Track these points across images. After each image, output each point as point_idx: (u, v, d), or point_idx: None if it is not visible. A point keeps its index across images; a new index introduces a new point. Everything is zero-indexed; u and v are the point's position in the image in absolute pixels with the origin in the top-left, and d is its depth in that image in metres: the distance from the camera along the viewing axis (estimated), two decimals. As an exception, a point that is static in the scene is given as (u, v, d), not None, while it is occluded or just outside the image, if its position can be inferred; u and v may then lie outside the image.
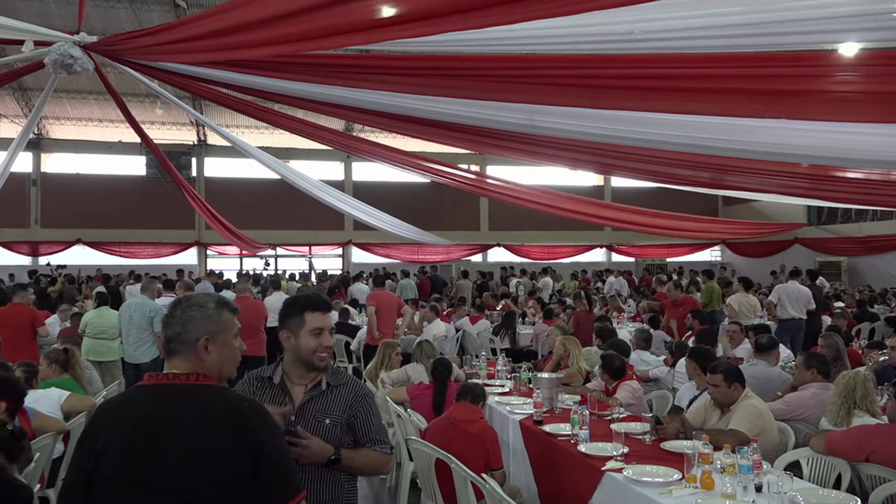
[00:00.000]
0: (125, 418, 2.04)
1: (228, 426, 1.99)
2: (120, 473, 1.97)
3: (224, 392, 2.12)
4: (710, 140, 4.62)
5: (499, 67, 4.07)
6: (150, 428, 1.98)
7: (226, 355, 2.18)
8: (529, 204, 10.38)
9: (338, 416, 2.71)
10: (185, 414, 2.01)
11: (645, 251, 24.95)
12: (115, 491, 1.97)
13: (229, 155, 20.85)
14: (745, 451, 3.60)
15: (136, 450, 1.97)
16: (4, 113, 18.76)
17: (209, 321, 2.15)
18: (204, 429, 1.98)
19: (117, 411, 2.12)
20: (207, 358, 2.13)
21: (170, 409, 2.01)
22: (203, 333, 2.12)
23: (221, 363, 2.17)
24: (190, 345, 2.11)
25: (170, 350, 2.14)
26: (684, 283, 13.73)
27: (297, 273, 20.19)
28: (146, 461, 1.95)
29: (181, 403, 2.03)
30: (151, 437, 1.97)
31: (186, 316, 2.14)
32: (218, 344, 2.15)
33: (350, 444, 2.74)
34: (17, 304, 8.28)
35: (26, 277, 16.89)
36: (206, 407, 2.03)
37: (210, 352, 2.13)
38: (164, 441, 1.96)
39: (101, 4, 15.41)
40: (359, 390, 2.80)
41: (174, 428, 1.98)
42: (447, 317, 11.85)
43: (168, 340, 2.15)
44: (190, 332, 2.12)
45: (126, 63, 5.19)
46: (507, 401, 5.88)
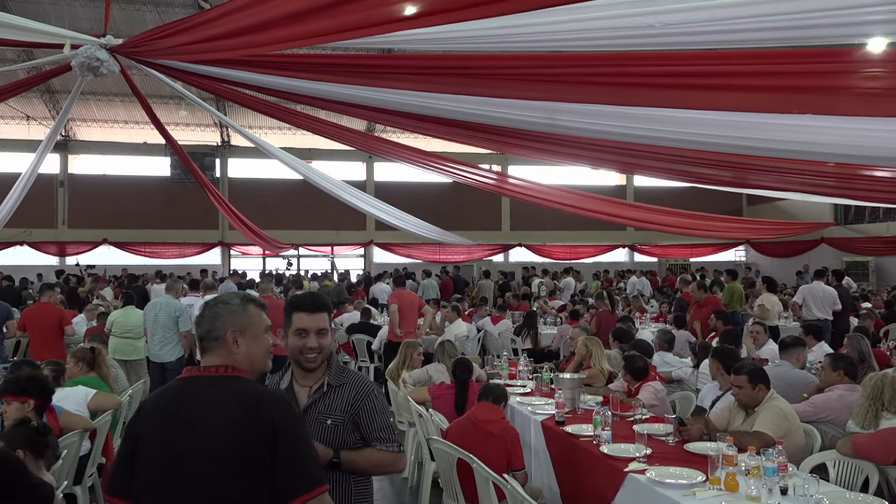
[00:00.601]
0: (158, 408, 2.21)
1: (245, 413, 2.08)
2: (150, 458, 2.12)
3: (245, 382, 2.19)
4: (733, 138, 4.57)
5: (520, 66, 4.06)
6: (175, 416, 2.12)
7: (256, 348, 2.27)
8: (551, 204, 10.35)
9: (340, 416, 2.70)
10: (206, 403, 2.12)
11: (668, 251, 24.74)
12: (147, 474, 2.12)
13: (252, 156, 21.00)
14: (771, 453, 3.55)
15: (163, 436, 2.11)
16: (33, 115, 19.05)
17: (235, 316, 2.25)
18: (222, 416, 2.08)
19: (154, 402, 2.28)
20: (237, 351, 2.23)
21: (194, 399, 2.14)
22: (230, 327, 2.22)
23: (252, 356, 2.26)
24: (220, 340, 2.22)
25: (203, 348, 2.27)
26: (707, 283, 13.60)
27: (318, 272, 20.29)
28: (170, 447, 2.09)
29: (204, 393, 2.14)
30: (176, 424, 2.11)
31: (213, 313, 2.26)
32: (246, 337, 2.25)
33: (358, 442, 2.72)
34: (44, 303, 8.43)
35: (54, 277, 17.16)
36: (225, 396, 2.13)
37: (239, 345, 2.23)
38: (187, 428, 2.09)
39: (126, 7, 15.61)
40: (361, 388, 2.76)
41: (196, 416, 2.10)
42: (469, 317, 11.84)
43: (200, 339, 2.27)
44: (217, 328, 2.23)
45: (151, 65, 5.25)
46: (529, 401, 5.87)
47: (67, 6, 15.33)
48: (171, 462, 2.07)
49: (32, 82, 7.82)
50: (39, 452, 3.34)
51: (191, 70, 5.19)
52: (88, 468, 4.87)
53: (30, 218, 17.31)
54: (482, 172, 9.50)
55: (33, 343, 8.20)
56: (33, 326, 8.17)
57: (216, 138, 22.37)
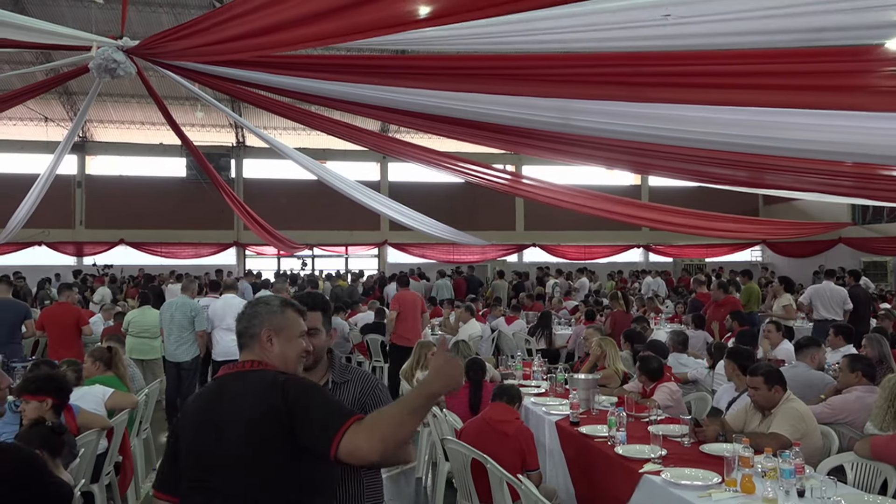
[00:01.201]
0: (196, 404, 2.35)
1: (263, 401, 2.14)
2: (188, 455, 2.24)
3: (266, 372, 2.25)
4: (749, 138, 4.54)
5: (534, 66, 4.05)
6: (208, 414, 2.23)
7: (289, 350, 2.34)
8: (565, 204, 10.32)
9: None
10: (233, 397, 2.20)
11: (683, 251, 24.60)
12: (187, 471, 2.23)
13: (267, 156, 21.11)
14: (787, 454, 3.53)
15: (196, 431, 2.23)
16: (51, 117, 19.26)
17: (272, 316, 2.33)
18: (245, 409, 2.15)
19: (193, 400, 2.41)
20: (271, 350, 2.31)
21: (223, 395, 2.24)
22: (266, 326, 2.31)
23: (285, 357, 2.33)
24: (255, 338, 2.32)
25: (240, 344, 2.35)
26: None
27: (332, 272, 20.36)
28: (202, 439, 2.20)
29: (232, 389, 2.24)
30: (207, 419, 2.22)
31: (253, 312, 2.36)
32: (281, 338, 2.32)
33: None
34: (62, 303, 8.51)
35: (71, 277, 17.32)
36: (248, 388, 2.20)
37: (274, 345, 2.31)
38: (218, 424, 2.18)
39: (142, 9, 15.75)
40: (366, 384, 2.80)
41: (224, 411, 2.19)
42: (483, 317, 11.83)
43: (238, 335, 2.36)
44: (255, 325, 2.33)
45: (167, 66, 5.29)
46: (543, 402, 5.86)
47: (84, 9, 15.48)
48: (204, 454, 2.18)
49: (50, 84, 7.92)
50: (55, 452, 3.38)
51: (206, 71, 5.22)
52: (105, 466, 4.91)
53: (48, 218, 17.49)
54: (496, 173, 9.49)
55: (51, 342, 8.28)
56: (51, 326, 8.25)
57: (231, 139, 22.50)
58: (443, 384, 2.11)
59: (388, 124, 17.71)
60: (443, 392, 2.15)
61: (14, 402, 4.56)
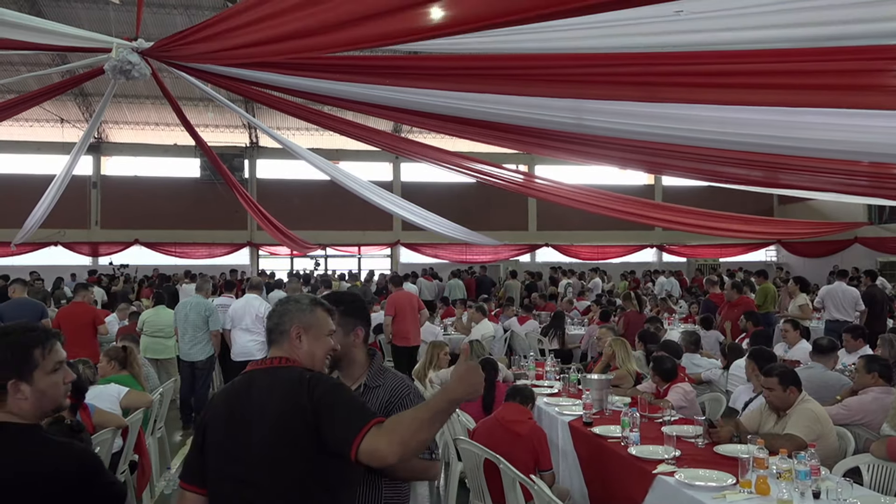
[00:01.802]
0: (222, 399, 2.40)
1: (289, 397, 2.19)
2: (216, 449, 2.29)
3: (293, 369, 2.30)
4: (764, 137, 4.50)
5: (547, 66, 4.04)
6: (236, 408, 2.29)
7: (317, 348, 2.40)
8: (578, 204, 10.28)
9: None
10: (261, 393, 2.25)
11: (697, 251, 24.48)
12: (215, 463, 2.28)
13: (280, 157, 21.20)
14: (803, 456, 3.51)
15: (226, 428, 2.28)
16: (67, 118, 19.42)
17: (302, 314, 2.40)
18: (272, 405, 2.21)
19: (221, 395, 2.44)
20: (300, 347, 2.37)
21: (251, 391, 2.29)
22: (296, 323, 2.37)
23: (312, 355, 2.39)
24: (285, 335, 2.38)
25: (270, 340, 2.42)
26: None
27: (346, 273, 20.41)
28: (233, 438, 2.25)
29: (260, 384, 2.29)
30: (237, 416, 2.27)
31: (283, 309, 2.43)
32: (310, 336, 2.39)
33: None
34: (78, 302, 8.59)
35: (87, 277, 17.45)
36: (276, 385, 2.25)
37: (303, 342, 2.37)
38: (246, 419, 2.24)
39: (157, 11, 15.85)
40: (396, 391, 2.70)
41: (252, 406, 2.24)
42: (495, 317, 11.82)
43: (269, 331, 2.44)
44: (285, 322, 2.39)
45: (181, 68, 5.32)
46: (556, 402, 5.84)
47: (99, 10, 15.60)
48: (234, 450, 2.22)
49: (67, 86, 7.97)
50: None
51: (220, 72, 5.25)
52: (120, 465, 4.95)
53: (64, 219, 17.63)
54: (508, 173, 9.47)
55: (67, 341, 8.28)
56: (67, 325, 8.32)
57: (245, 140, 22.61)
58: (464, 391, 2.14)
59: (401, 125, 17.74)
60: (464, 399, 2.17)
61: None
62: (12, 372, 2.09)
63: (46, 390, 2.13)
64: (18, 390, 2.09)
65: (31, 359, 2.11)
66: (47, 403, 2.15)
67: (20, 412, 2.10)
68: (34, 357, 2.12)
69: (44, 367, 2.13)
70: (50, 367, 2.15)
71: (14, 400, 2.09)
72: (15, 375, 2.09)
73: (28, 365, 2.10)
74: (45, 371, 2.13)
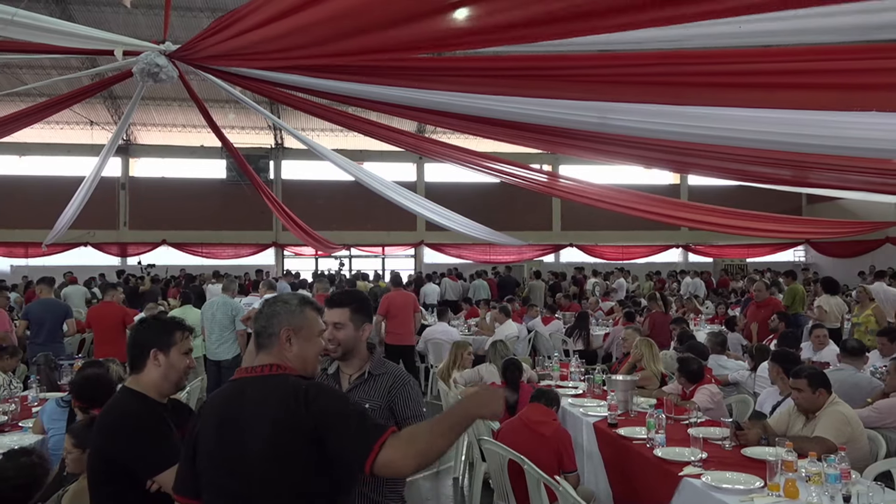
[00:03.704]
0: (212, 409, 2.28)
1: (285, 412, 2.11)
2: (208, 459, 2.19)
3: (287, 380, 2.22)
4: (792, 136, 4.44)
5: (572, 67, 4.02)
6: (227, 417, 2.19)
7: (308, 350, 2.33)
8: (602, 204, 10.21)
9: (377, 401, 2.88)
10: (254, 403, 2.16)
11: (724, 251, 24.20)
12: (208, 475, 2.19)
13: (305, 158, 21.34)
14: (833, 459, 3.45)
15: (217, 437, 2.19)
16: (96, 120, 19.72)
17: (291, 316, 2.31)
18: (267, 415, 2.12)
19: (209, 405, 2.34)
20: (290, 350, 2.28)
21: (243, 401, 2.19)
22: (285, 326, 2.28)
23: (304, 357, 2.31)
24: (274, 338, 2.28)
25: (258, 344, 2.32)
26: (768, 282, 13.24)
27: (369, 273, 20.50)
28: (225, 449, 2.16)
29: (252, 394, 2.19)
30: (228, 426, 2.18)
31: (271, 311, 2.33)
32: (300, 338, 2.30)
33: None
34: (108, 302, 8.73)
35: (115, 277, 17.71)
36: (270, 395, 2.17)
37: (293, 345, 2.29)
38: (238, 430, 2.15)
39: (184, 14, 16.03)
40: (397, 378, 2.95)
41: (245, 417, 2.15)
42: (519, 317, 11.79)
43: (256, 335, 2.33)
44: (273, 325, 2.29)
45: (208, 70, 5.38)
46: (581, 403, 5.82)
47: (127, 14, 15.81)
48: (228, 463, 2.14)
49: (96, 89, 8.09)
50: None
51: (245, 74, 5.29)
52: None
53: (93, 220, 17.90)
54: (532, 173, 9.43)
55: (97, 340, 8.50)
56: (97, 324, 8.48)
57: (270, 141, 22.79)
58: (484, 410, 2.16)
59: (425, 125, 17.76)
60: (482, 416, 2.19)
61: (62, 397, 4.69)
62: (157, 343, 2.69)
63: (175, 365, 2.69)
64: (156, 358, 2.67)
65: (172, 337, 2.71)
66: (174, 375, 2.70)
67: (149, 380, 2.67)
68: (175, 336, 2.72)
69: (179, 347, 2.72)
70: (184, 348, 2.73)
71: (151, 365, 2.68)
72: (157, 346, 2.68)
73: (169, 340, 2.70)
74: (179, 351, 2.71)
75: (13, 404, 5.47)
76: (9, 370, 6.47)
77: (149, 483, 2.44)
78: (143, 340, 2.73)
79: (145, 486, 2.45)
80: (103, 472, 2.54)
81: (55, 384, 6.34)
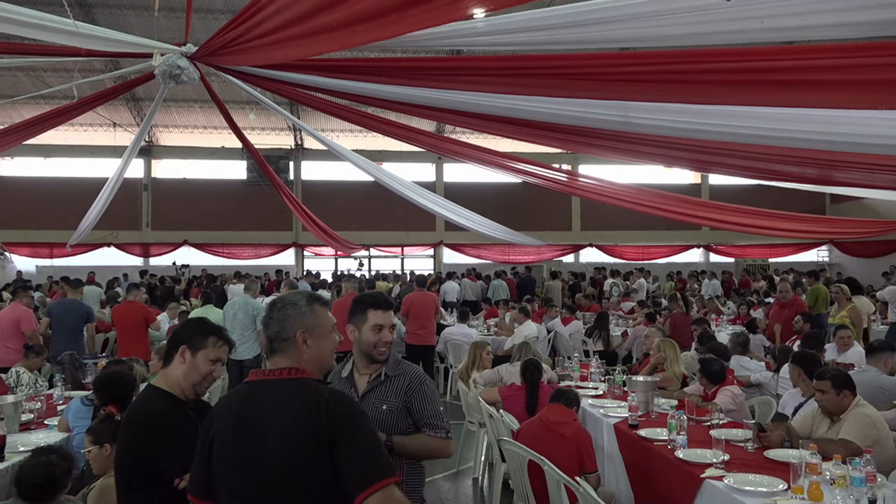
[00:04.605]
0: (228, 412, 2.25)
1: (305, 417, 2.10)
2: (224, 461, 2.17)
3: (307, 384, 2.21)
4: (817, 133, 4.38)
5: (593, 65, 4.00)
6: (244, 420, 2.17)
7: (323, 348, 2.33)
8: (623, 203, 10.14)
9: (394, 402, 2.92)
10: (272, 406, 2.15)
11: (745, 251, 23.97)
12: (222, 476, 2.18)
13: (325, 158, 21.42)
14: (858, 462, 3.40)
15: (234, 441, 2.16)
16: (119, 122, 19.94)
17: (304, 317, 2.30)
18: (286, 419, 2.11)
19: (224, 406, 2.31)
20: (307, 351, 2.27)
21: (261, 404, 2.17)
22: (299, 328, 2.27)
23: (319, 356, 2.32)
24: (290, 341, 2.27)
25: (272, 349, 2.30)
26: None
27: (389, 273, 20.57)
28: (242, 451, 2.13)
29: (270, 397, 2.17)
30: (245, 428, 2.15)
31: (282, 315, 2.30)
32: (315, 337, 2.30)
33: (410, 428, 2.93)
34: (131, 301, 8.83)
35: (138, 277, 17.92)
36: (288, 400, 2.16)
37: (309, 345, 2.28)
38: (255, 433, 2.12)
39: (205, 16, 16.16)
40: (414, 378, 3.00)
41: (262, 420, 2.13)
42: (538, 317, 11.75)
43: (270, 340, 2.30)
44: (287, 329, 2.27)
45: (228, 71, 5.42)
46: (601, 404, 5.79)
47: (149, 17, 15.97)
48: (242, 465, 2.12)
49: (119, 91, 8.18)
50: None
51: (265, 75, 5.32)
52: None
53: (116, 220, 18.11)
54: (552, 172, 9.40)
55: (120, 339, 8.60)
56: (121, 324, 8.57)
57: (290, 142, 22.92)
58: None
59: (444, 125, 17.76)
60: None
61: (87, 395, 4.75)
62: (189, 341, 2.72)
63: (198, 367, 2.70)
64: (183, 355, 2.70)
65: (205, 340, 2.72)
66: (194, 377, 2.70)
67: (173, 377, 2.70)
68: (208, 341, 2.73)
69: (208, 353, 2.72)
70: (212, 355, 2.73)
71: (177, 361, 2.71)
72: (187, 344, 2.72)
73: (202, 342, 2.72)
74: (206, 356, 2.72)
75: (39, 402, 5.55)
76: (35, 369, 6.57)
77: (176, 481, 2.46)
78: (179, 335, 2.79)
79: (173, 485, 2.46)
80: (130, 471, 2.56)
81: (80, 383, 6.43)
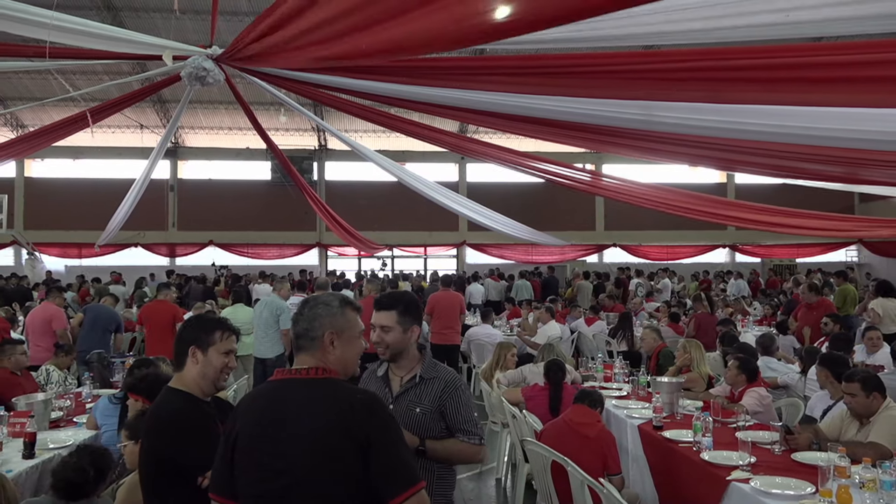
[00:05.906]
0: (253, 410, 2.23)
1: (337, 417, 2.09)
2: (248, 459, 2.15)
3: (338, 385, 2.20)
4: (844, 131, 4.31)
5: (616, 64, 3.97)
6: (271, 419, 2.14)
7: (349, 351, 2.31)
8: (648, 203, 10.06)
9: (428, 406, 2.89)
10: (301, 406, 2.13)
11: (772, 251, 23.66)
12: (245, 475, 2.16)
13: (348, 159, 21.52)
14: (888, 465, 3.35)
15: (259, 439, 2.14)
16: (146, 124, 20.19)
17: (334, 318, 2.29)
18: (316, 420, 2.09)
19: (248, 404, 2.30)
20: (332, 352, 2.26)
21: (288, 402, 2.15)
22: (328, 329, 2.26)
23: (345, 359, 2.30)
24: (317, 341, 2.26)
25: (298, 346, 2.29)
26: (818, 284, 12.88)
27: (412, 273, 20.61)
28: (267, 449, 2.11)
29: (299, 396, 2.16)
30: (272, 427, 2.12)
31: (313, 314, 2.29)
32: (343, 340, 2.28)
33: (443, 432, 2.89)
34: (161, 300, 8.96)
35: (164, 277, 18.13)
36: (319, 399, 2.14)
37: (336, 347, 2.27)
38: (283, 431, 2.10)
39: (230, 19, 16.31)
40: (449, 382, 2.95)
41: (289, 418, 2.12)
42: (562, 318, 11.71)
43: (297, 337, 2.30)
44: (316, 328, 2.26)
45: (253, 73, 5.47)
46: (625, 405, 5.75)
47: (176, 20, 16.16)
48: (267, 464, 2.10)
49: (145, 93, 8.29)
50: None
51: (289, 76, 5.36)
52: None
53: (143, 221, 18.33)
54: (576, 172, 9.35)
55: (149, 338, 8.73)
56: (150, 322, 8.70)
57: (314, 142, 23.05)
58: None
59: (467, 125, 17.75)
60: None
61: (114, 394, 4.82)
62: (196, 341, 2.74)
63: (213, 363, 2.73)
64: (195, 356, 2.72)
65: (212, 336, 2.75)
66: (211, 373, 2.73)
67: (190, 378, 2.72)
68: (215, 335, 2.76)
69: (218, 347, 2.75)
70: (223, 348, 2.76)
71: (190, 363, 2.73)
72: (196, 343, 2.73)
73: (209, 338, 2.74)
74: (217, 351, 2.75)
75: (68, 400, 5.64)
76: (64, 367, 6.68)
77: (200, 479, 2.48)
78: (185, 338, 2.80)
79: (197, 483, 2.49)
80: (154, 470, 2.59)
81: (107, 381, 6.52)
